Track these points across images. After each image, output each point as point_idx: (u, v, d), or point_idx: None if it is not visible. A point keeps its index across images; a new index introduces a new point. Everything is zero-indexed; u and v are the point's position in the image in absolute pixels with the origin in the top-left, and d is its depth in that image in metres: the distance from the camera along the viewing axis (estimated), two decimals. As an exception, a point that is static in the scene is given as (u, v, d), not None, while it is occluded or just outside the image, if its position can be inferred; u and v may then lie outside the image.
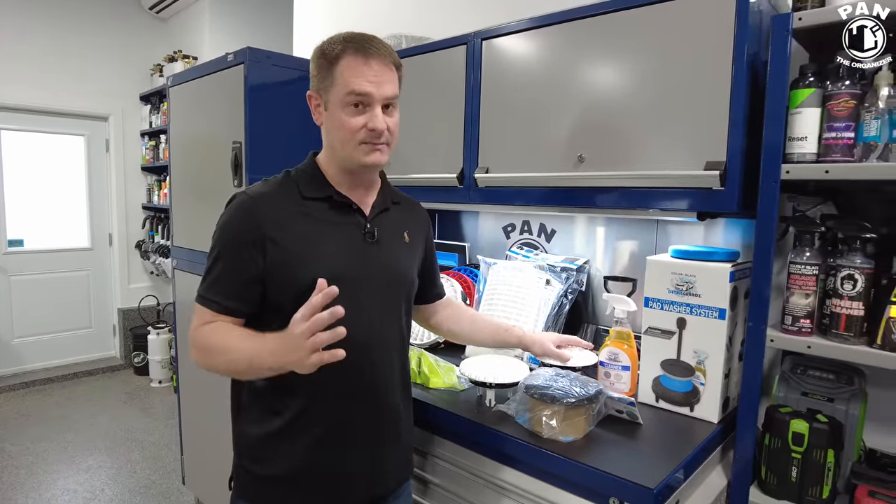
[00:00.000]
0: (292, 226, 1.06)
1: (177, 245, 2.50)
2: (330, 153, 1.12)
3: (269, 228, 1.03)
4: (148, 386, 4.47)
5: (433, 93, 1.75)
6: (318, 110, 1.10)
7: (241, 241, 1.04)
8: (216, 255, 1.06)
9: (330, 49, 1.04)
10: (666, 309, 1.35)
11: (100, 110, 4.67)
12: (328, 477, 1.09)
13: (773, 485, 1.22)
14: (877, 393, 1.33)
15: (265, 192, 1.09)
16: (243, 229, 1.04)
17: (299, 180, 1.11)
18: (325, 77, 1.05)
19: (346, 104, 1.04)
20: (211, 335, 1.03)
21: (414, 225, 1.26)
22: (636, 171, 1.31)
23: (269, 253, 1.03)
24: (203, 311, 1.06)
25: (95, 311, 4.86)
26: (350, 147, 1.06)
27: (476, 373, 1.35)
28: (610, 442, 1.19)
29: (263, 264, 1.03)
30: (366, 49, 1.03)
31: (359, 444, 1.11)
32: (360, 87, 1.02)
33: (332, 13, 2.84)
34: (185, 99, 2.39)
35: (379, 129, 1.04)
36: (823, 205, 1.34)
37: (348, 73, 1.03)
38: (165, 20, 4.91)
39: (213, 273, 1.06)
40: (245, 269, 1.04)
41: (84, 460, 3.20)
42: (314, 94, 1.10)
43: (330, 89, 1.05)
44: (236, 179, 2.00)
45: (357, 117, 1.04)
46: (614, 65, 1.36)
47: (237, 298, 1.05)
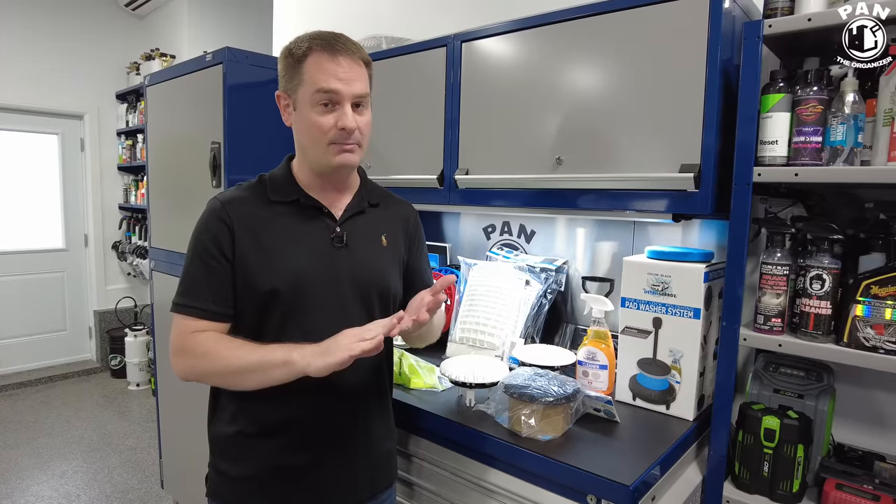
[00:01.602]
0: (257, 230, 1.05)
1: (155, 246, 2.47)
2: (300, 155, 1.11)
3: (237, 231, 1.04)
4: (125, 389, 4.40)
5: (413, 94, 1.76)
6: (286, 111, 1.08)
7: (213, 244, 1.03)
8: (190, 259, 1.06)
9: (297, 47, 1.03)
10: (642, 309, 1.37)
11: (74, 108, 4.58)
12: (303, 480, 1.09)
13: (745, 480, 1.25)
14: (845, 389, 1.37)
15: (235, 196, 1.08)
16: (213, 233, 1.04)
17: (269, 184, 1.11)
18: (292, 76, 1.04)
19: (314, 103, 1.01)
20: (213, 341, 1.01)
21: (394, 226, 1.21)
22: (613, 174, 1.33)
23: (236, 255, 1.03)
24: (186, 321, 1.03)
25: (71, 313, 4.76)
26: (320, 148, 1.04)
27: (456, 373, 1.36)
28: (588, 440, 1.21)
29: (231, 267, 1.03)
30: (333, 46, 1.01)
31: (335, 448, 1.10)
32: (329, 85, 1.00)
33: (312, 13, 2.82)
34: (162, 98, 2.36)
35: (349, 127, 1.02)
36: (794, 206, 1.38)
37: (316, 70, 1.00)
38: (142, 17, 4.83)
39: (190, 278, 1.05)
40: (221, 272, 1.03)
41: (59, 466, 3.13)
42: (282, 94, 1.08)
43: (298, 88, 1.03)
44: (215, 180, 1.98)
45: (326, 116, 1.02)
46: (592, 68, 1.38)
47: (219, 302, 1.03)
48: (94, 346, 4.86)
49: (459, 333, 1.75)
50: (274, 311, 1.04)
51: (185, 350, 1.02)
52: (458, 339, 1.75)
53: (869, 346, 1.07)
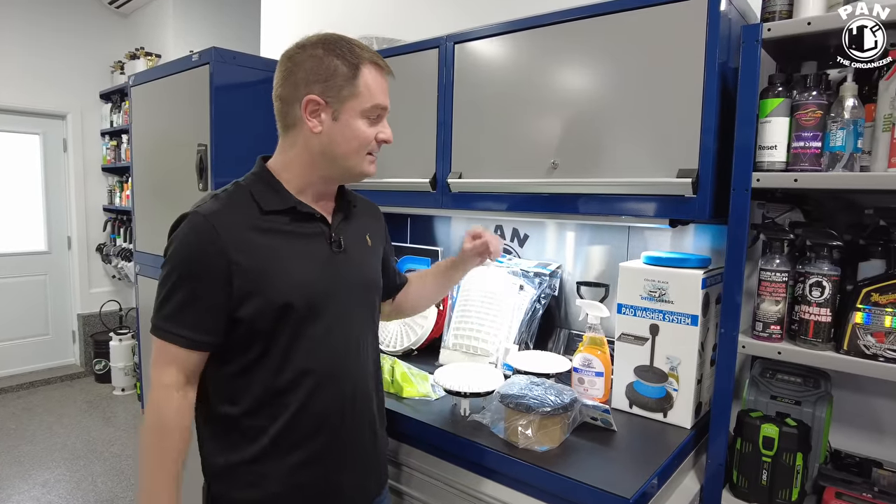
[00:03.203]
0: (255, 245, 0.98)
1: (140, 250, 2.42)
2: (309, 161, 1.04)
3: (231, 252, 0.95)
4: (110, 394, 4.32)
5: (405, 96, 1.72)
6: (317, 117, 1.00)
7: (202, 267, 0.95)
8: (175, 281, 0.97)
9: (349, 55, 0.99)
10: (639, 315, 1.35)
11: (57, 108, 4.49)
12: (310, 496, 1.06)
13: (744, 488, 1.23)
14: (841, 395, 1.36)
15: (219, 209, 0.99)
16: (204, 255, 0.95)
17: (255, 192, 1.02)
18: (342, 86, 0.98)
19: (365, 116, 1.02)
20: (169, 435, 0.98)
21: (373, 226, 1.23)
22: (610, 179, 1.31)
23: (235, 279, 0.95)
24: (166, 349, 0.97)
25: (53, 316, 4.67)
26: (358, 157, 1.04)
27: (450, 382, 1.33)
28: (585, 450, 1.19)
29: (231, 292, 0.96)
30: (380, 61, 1.04)
31: (339, 461, 1.07)
32: (384, 102, 1.04)
33: (301, 12, 2.78)
34: (148, 98, 2.31)
35: (391, 139, 1.06)
36: (792, 212, 1.37)
37: (375, 85, 1.01)
38: (126, 16, 4.75)
39: (174, 303, 0.96)
40: (211, 298, 0.96)
41: (41, 474, 3.06)
42: (318, 100, 0.98)
43: (349, 99, 0.99)
44: (201, 183, 1.94)
45: (371, 128, 1.03)
46: (588, 72, 1.36)
47: (207, 331, 0.97)
48: (78, 350, 4.77)
49: (453, 340, 1.72)
50: (286, 324, 0.99)
51: (154, 406, 0.98)
52: (451, 345, 1.72)
53: (869, 354, 1.05)
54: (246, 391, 1.01)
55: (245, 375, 1.01)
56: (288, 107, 1.02)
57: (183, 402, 0.99)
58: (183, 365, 0.98)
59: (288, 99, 1.01)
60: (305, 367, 1.01)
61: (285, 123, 1.04)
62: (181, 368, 0.98)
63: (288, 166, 1.06)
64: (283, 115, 1.04)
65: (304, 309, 1.00)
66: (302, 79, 0.99)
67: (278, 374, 1.00)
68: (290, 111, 1.02)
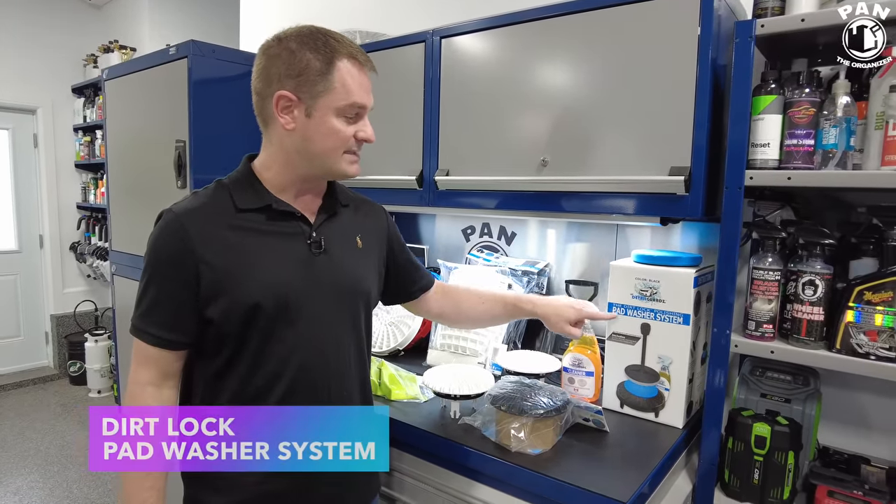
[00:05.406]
0: (226, 243, 0.96)
1: (115, 249, 2.35)
2: (284, 159, 1.01)
3: (200, 250, 0.94)
4: (86, 397, 4.21)
5: (390, 92, 1.68)
6: (289, 114, 0.97)
7: (171, 265, 0.95)
8: (147, 280, 0.97)
9: (323, 48, 0.95)
10: (630, 314, 1.34)
11: (26, 102, 4.34)
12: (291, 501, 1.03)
13: (736, 487, 1.23)
14: (829, 392, 1.37)
15: (193, 207, 0.98)
16: (172, 252, 0.95)
17: (233, 190, 1.01)
18: (315, 81, 0.94)
19: (342, 114, 0.97)
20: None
21: (367, 227, 1.17)
22: (601, 176, 1.30)
23: (203, 278, 0.94)
24: (140, 346, 0.97)
25: (25, 317, 4.53)
26: (335, 156, 0.99)
27: (439, 384, 1.31)
28: (578, 452, 1.17)
29: (198, 290, 0.94)
30: (360, 56, 0.98)
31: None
32: (362, 100, 0.98)
33: (282, 5, 2.72)
34: (123, 93, 2.24)
35: (371, 139, 1.01)
36: (782, 210, 1.36)
37: (352, 82, 0.96)
38: (100, 7, 4.61)
39: (146, 301, 0.97)
40: (178, 297, 0.95)
41: (13, 481, 2.96)
42: (290, 96, 0.95)
43: (322, 95, 0.95)
44: (180, 180, 1.88)
45: (349, 126, 0.99)
46: (578, 68, 1.34)
47: (174, 329, 0.96)
48: (52, 352, 4.63)
49: (441, 340, 1.69)
50: (256, 326, 0.96)
51: (132, 382, 0.98)
52: (439, 345, 1.69)
53: (862, 353, 1.05)
54: (221, 394, 0.99)
55: (220, 378, 0.99)
56: (263, 102, 0.99)
57: (157, 399, 0.98)
58: (157, 363, 0.97)
59: (263, 94, 0.99)
60: (277, 371, 0.99)
61: (263, 119, 1.02)
62: (156, 366, 0.97)
63: (268, 164, 1.03)
64: (260, 111, 1.01)
65: (275, 310, 0.97)
66: (275, 73, 0.96)
67: (250, 379, 0.98)
68: (265, 107, 0.99)
